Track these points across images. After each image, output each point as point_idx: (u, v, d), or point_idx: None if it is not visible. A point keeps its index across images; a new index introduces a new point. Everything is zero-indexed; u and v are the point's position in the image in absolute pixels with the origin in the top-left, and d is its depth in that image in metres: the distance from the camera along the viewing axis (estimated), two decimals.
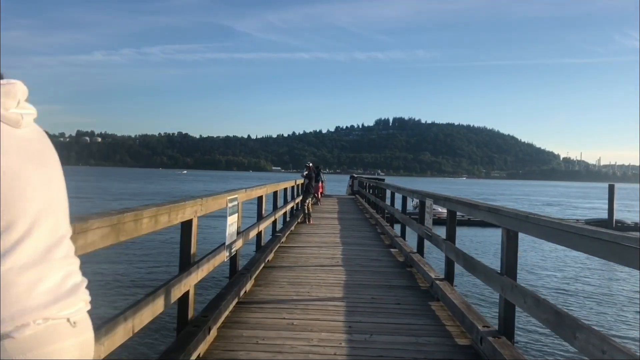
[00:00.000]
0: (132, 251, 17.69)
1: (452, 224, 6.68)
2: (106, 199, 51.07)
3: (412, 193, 10.54)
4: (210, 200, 4.78)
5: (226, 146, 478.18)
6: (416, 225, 9.12)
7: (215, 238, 11.18)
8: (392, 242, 10.96)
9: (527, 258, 18.82)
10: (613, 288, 14.83)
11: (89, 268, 1.49)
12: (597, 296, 13.60)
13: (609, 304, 12.74)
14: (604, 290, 14.44)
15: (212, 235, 16.57)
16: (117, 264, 15.32)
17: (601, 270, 17.23)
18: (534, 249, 20.96)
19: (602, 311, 12.04)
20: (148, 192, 67.88)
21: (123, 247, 17.09)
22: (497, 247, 6.73)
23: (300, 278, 7.30)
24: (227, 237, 5.54)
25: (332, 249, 10.14)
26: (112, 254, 14.96)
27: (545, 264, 18.65)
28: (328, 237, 12.14)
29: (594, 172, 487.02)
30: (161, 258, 16.69)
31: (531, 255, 19.80)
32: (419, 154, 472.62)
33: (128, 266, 15.54)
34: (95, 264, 13.82)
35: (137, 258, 16.94)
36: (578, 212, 48.52)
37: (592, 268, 17.65)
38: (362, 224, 15.92)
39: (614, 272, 16.75)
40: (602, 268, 17.38)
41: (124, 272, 14.69)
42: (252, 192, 7.48)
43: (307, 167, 16.57)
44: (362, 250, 10.18)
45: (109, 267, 14.56)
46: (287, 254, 9.42)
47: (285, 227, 12.02)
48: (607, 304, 12.73)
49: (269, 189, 9.29)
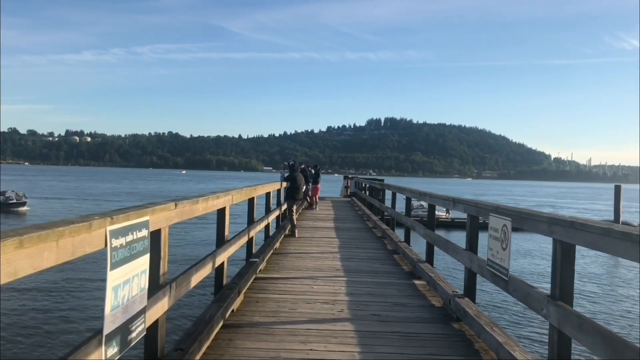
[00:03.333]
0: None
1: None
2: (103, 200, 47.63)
3: (451, 202, 7.10)
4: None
5: (217, 146, 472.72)
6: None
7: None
8: (415, 269, 7.85)
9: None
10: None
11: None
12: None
13: None
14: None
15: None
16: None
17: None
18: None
19: None
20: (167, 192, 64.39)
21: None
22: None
23: (282, 354, 4.16)
24: (105, 321, 2.42)
25: (333, 283, 7.02)
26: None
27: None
28: (324, 259, 9.01)
29: (585, 172, 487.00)
30: None
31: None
32: (411, 154, 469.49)
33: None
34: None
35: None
36: (576, 215, 46.02)
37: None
38: (366, 236, 12.80)
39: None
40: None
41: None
42: (196, 206, 4.27)
43: (288, 165, 12.76)
44: (375, 285, 7.05)
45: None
46: (265, 293, 6.30)
47: (267, 247, 8.84)
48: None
49: (236, 196, 6.11)
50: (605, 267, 19.96)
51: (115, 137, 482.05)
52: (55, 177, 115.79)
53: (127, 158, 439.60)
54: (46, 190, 61.73)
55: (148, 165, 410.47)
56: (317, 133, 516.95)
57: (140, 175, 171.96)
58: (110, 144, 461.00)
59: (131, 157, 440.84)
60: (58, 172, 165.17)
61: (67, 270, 14.55)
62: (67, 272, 14.64)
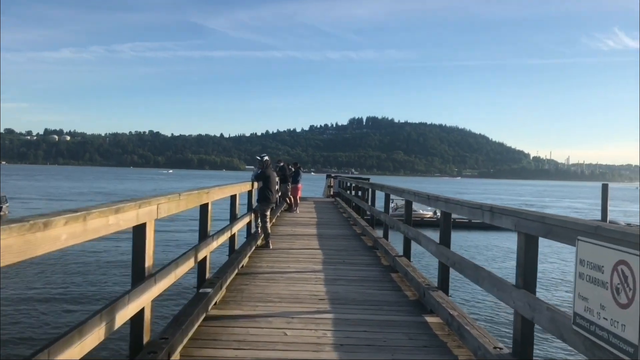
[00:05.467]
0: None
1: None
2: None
3: (489, 212, 4.95)
4: None
5: (199, 145, 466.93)
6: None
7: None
8: (422, 294, 5.87)
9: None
10: None
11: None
12: None
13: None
14: None
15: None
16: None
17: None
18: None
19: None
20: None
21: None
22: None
23: None
24: None
25: (315, 325, 4.97)
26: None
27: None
28: (304, 281, 6.98)
29: (563, 170, 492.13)
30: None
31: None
32: (392, 152, 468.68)
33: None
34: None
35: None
36: (561, 213, 45.38)
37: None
38: (355, 246, 10.79)
39: None
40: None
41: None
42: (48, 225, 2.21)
43: (261, 161, 10.34)
44: (375, 326, 5.02)
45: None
46: (215, 347, 4.26)
47: (228, 267, 6.75)
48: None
49: (167, 205, 4.04)
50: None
51: (95, 136, 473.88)
52: (27, 177, 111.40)
53: (108, 157, 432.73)
54: (10, 190, 58.38)
55: (129, 165, 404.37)
56: (300, 132, 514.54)
57: (120, 174, 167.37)
58: (90, 143, 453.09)
59: (111, 156, 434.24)
60: (33, 171, 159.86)
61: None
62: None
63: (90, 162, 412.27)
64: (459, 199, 5.52)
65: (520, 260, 3.75)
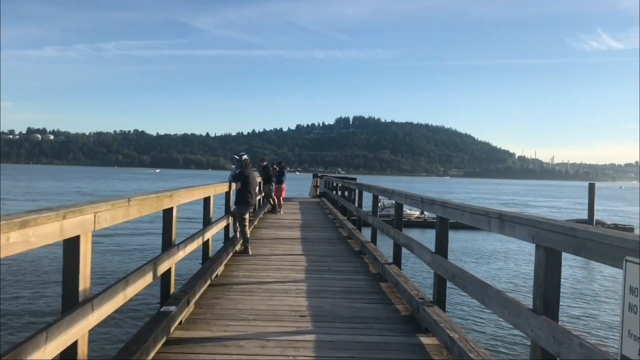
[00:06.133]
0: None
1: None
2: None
3: (498, 220, 4.28)
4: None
5: (184, 144, 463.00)
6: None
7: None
8: (415, 309, 5.21)
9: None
10: None
11: None
12: None
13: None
14: None
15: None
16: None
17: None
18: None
19: None
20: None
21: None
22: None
23: None
24: None
25: (294, 350, 4.27)
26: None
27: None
28: (284, 293, 6.28)
29: (548, 170, 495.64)
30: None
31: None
32: (379, 152, 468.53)
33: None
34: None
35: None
36: (548, 213, 45.72)
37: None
38: (341, 250, 10.12)
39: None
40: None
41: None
42: None
43: (240, 160, 9.48)
44: (364, 350, 4.35)
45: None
46: None
47: (199, 278, 6.03)
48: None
49: (107, 214, 3.32)
50: None
51: (79, 135, 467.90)
52: (8, 176, 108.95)
53: (92, 156, 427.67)
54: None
55: (113, 164, 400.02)
56: (286, 131, 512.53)
57: (105, 174, 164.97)
58: (74, 142, 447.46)
59: (96, 156, 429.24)
60: (15, 171, 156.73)
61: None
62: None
63: (74, 161, 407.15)
64: (458, 203, 4.86)
65: (539, 280, 3.09)
